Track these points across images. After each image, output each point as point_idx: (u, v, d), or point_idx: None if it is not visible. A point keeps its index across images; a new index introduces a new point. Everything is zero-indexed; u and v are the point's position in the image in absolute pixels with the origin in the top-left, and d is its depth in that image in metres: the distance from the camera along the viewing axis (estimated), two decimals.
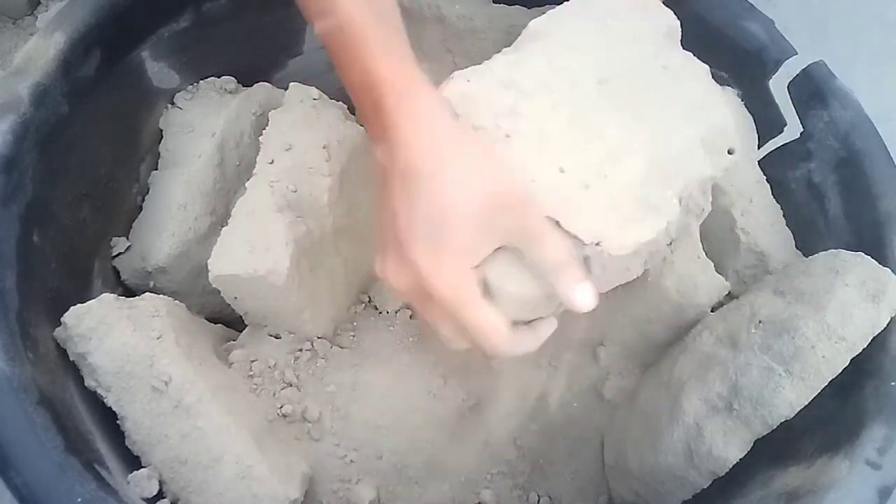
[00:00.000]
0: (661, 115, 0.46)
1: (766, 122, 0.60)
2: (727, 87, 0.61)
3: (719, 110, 0.48)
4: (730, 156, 0.47)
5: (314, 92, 0.59)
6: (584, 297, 0.40)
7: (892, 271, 0.47)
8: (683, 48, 0.51)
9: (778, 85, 0.59)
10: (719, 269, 0.56)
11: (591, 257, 0.42)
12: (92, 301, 0.49)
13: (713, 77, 0.49)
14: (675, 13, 0.51)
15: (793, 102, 0.59)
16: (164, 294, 0.57)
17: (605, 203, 0.43)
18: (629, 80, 0.47)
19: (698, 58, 0.50)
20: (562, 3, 0.65)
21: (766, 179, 0.60)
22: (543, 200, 0.42)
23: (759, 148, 0.60)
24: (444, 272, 0.37)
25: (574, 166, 0.44)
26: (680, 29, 0.51)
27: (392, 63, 0.39)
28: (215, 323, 0.61)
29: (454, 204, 0.37)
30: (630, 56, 0.48)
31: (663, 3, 0.52)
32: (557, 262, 0.40)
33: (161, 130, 0.64)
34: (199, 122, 0.64)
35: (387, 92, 0.38)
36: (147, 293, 0.54)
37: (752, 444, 0.48)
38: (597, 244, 0.42)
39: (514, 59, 0.48)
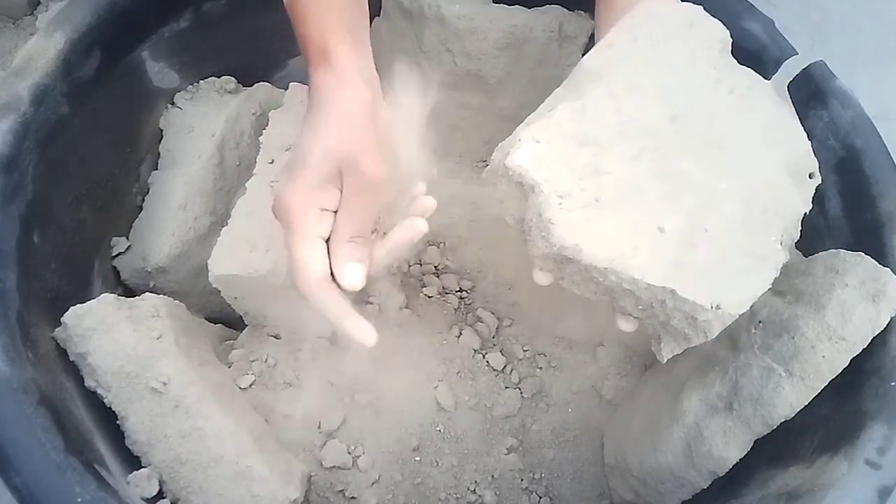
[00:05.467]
0: (741, 147, 0.44)
1: None
2: None
3: (796, 131, 0.45)
4: (812, 181, 0.45)
5: None
6: (351, 273, 0.42)
7: (892, 271, 0.47)
8: None
9: (778, 85, 0.59)
10: None
11: (711, 321, 0.40)
12: (92, 301, 0.49)
13: None
14: None
15: (793, 102, 0.59)
16: (164, 294, 0.57)
17: (714, 260, 0.40)
18: (700, 113, 0.44)
19: None
20: (563, 3, 0.65)
21: None
22: (656, 271, 0.40)
23: None
24: (287, 199, 0.42)
25: (673, 223, 0.41)
26: (730, 39, 0.49)
27: (318, 31, 0.45)
28: (215, 323, 0.61)
29: (311, 151, 0.43)
30: (694, 84, 0.45)
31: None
32: (356, 232, 0.42)
33: (161, 130, 0.64)
34: (199, 122, 0.64)
35: (311, 53, 0.45)
36: (147, 293, 0.54)
37: (751, 444, 0.48)
38: (717, 307, 0.40)
39: (578, 106, 0.44)
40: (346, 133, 0.42)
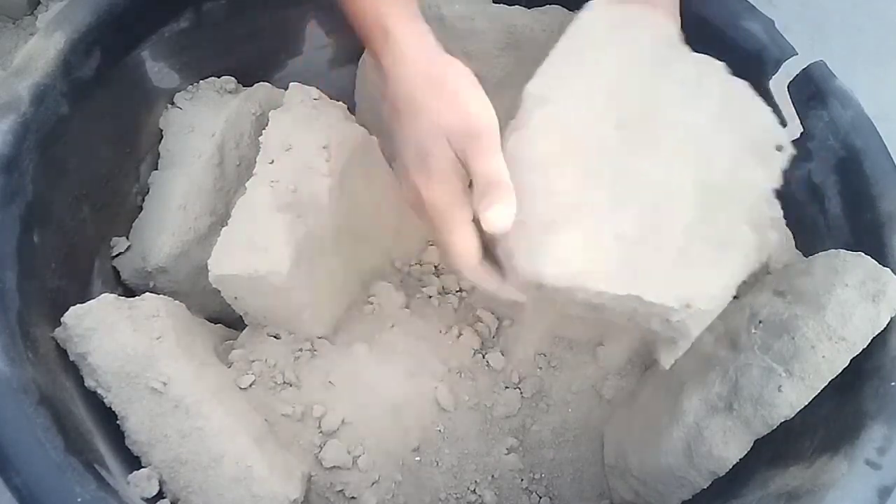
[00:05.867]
0: (694, 137, 0.43)
1: None
2: None
3: (756, 107, 0.45)
4: (781, 153, 0.44)
5: (314, 92, 0.59)
6: (495, 215, 0.41)
7: (892, 271, 0.47)
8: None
9: (778, 85, 0.59)
10: None
11: (685, 320, 0.39)
12: (92, 301, 0.49)
13: None
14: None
15: (793, 102, 0.59)
16: (164, 294, 0.57)
17: (676, 258, 0.40)
18: (648, 113, 0.44)
19: None
20: (563, 3, 0.65)
21: None
22: (619, 280, 0.39)
23: None
24: (434, 194, 0.43)
25: (629, 228, 0.41)
26: (678, 28, 0.48)
27: (381, 6, 0.45)
28: (215, 323, 0.61)
29: (433, 140, 0.43)
30: (638, 85, 0.45)
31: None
32: (487, 181, 0.42)
33: (161, 130, 0.64)
34: (199, 122, 0.64)
35: (375, 36, 0.45)
36: (147, 293, 0.54)
37: (751, 444, 0.48)
38: (687, 306, 0.39)
39: (526, 134, 0.44)
40: (436, 108, 0.42)
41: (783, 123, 0.60)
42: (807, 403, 0.45)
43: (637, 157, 0.43)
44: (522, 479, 0.61)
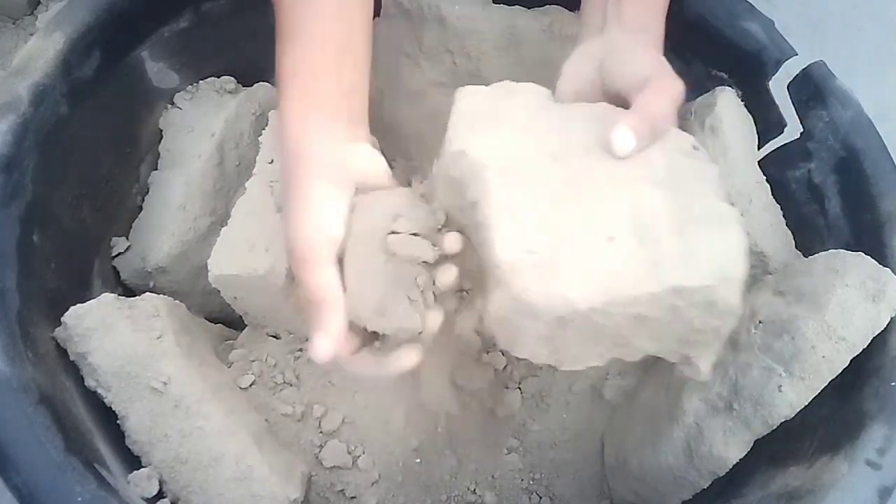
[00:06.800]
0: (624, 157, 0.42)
1: (767, 122, 0.60)
2: (727, 88, 0.61)
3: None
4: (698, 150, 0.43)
5: None
6: (315, 343, 0.42)
7: (892, 271, 0.47)
8: (683, 49, 0.50)
9: (778, 85, 0.59)
10: None
11: (728, 296, 0.37)
12: (92, 301, 0.49)
13: (712, 77, 0.49)
14: (676, 15, 0.51)
15: (793, 102, 0.59)
16: (164, 294, 0.57)
17: (683, 242, 0.38)
18: (572, 147, 0.42)
19: (697, 58, 0.50)
20: (563, 3, 0.65)
21: (766, 179, 0.60)
22: (649, 279, 0.37)
23: (759, 148, 0.60)
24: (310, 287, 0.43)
25: (618, 230, 0.39)
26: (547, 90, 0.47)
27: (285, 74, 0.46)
28: (215, 323, 0.61)
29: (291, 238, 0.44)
30: (550, 127, 0.44)
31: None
32: (309, 303, 0.43)
33: (161, 130, 0.64)
34: (199, 122, 0.64)
35: (286, 129, 0.46)
36: (147, 293, 0.54)
37: (752, 444, 0.48)
38: (724, 279, 0.37)
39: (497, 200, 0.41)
40: (297, 228, 0.43)
41: (783, 123, 0.60)
42: (807, 403, 0.45)
43: (586, 177, 0.41)
44: (522, 480, 0.61)
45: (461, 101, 0.45)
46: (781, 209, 0.60)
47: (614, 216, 0.40)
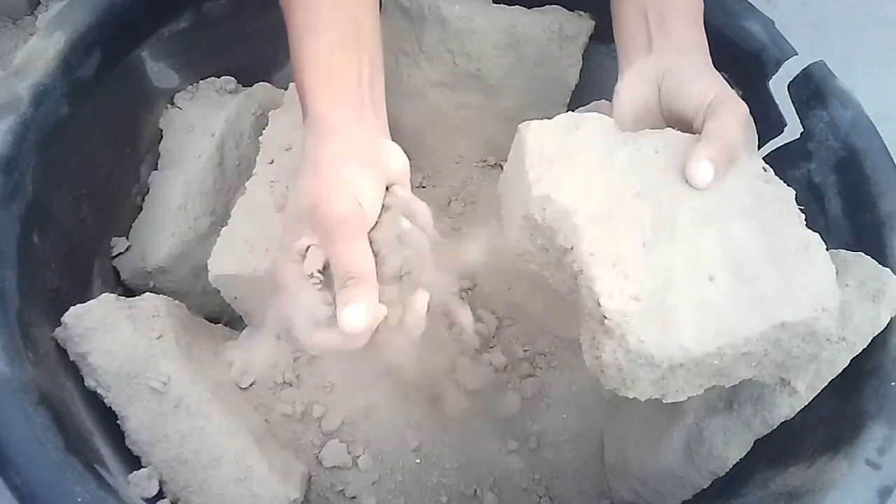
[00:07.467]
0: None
1: (767, 122, 0.60)
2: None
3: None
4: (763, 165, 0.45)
5: None
6: (350, 316, 0.39)
7: (892, 271, 0.47)
8: None
9: (778, 85, 0.59)
10: None
11: (828, 325, 0.39)
12: (92, 301, 0.49)
13: None
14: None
15: (793, 102, 0.59)
16: (164, 294, 0.57)
17: (778, 276, 0.40)
18: (654, 186, 0.43)
19: None
20: (563, 3, 0.65)
21: None
22: (755, 318, 0.38)
23: (759, 148, 0.60)
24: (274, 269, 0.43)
25: (716, 269, 0.40)
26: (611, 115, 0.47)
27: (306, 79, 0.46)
28: (215, 323, 0.61)
29: (293, 206, 0.43)
30: (629, 167, 0.44)
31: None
32: (346, 273, 0.40)
33: (161, 130, 0.64)
34: (199, 122, 0.64)
35: (313, 112, 0.45)
36: (147, 293, 0.54)
37: (752, 444, 0.48)
38: (822, 309, 0.39)
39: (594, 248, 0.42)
40: (324, 192, 0.42)
41: (783, 123, 0.60)
42: (807, 403, 0.45)
43: (672, 213, 0.42)
44: (523, 480, 0.61)
45: (530, 139, 0.45)
46: None
47: (708, 253, 0.41)
